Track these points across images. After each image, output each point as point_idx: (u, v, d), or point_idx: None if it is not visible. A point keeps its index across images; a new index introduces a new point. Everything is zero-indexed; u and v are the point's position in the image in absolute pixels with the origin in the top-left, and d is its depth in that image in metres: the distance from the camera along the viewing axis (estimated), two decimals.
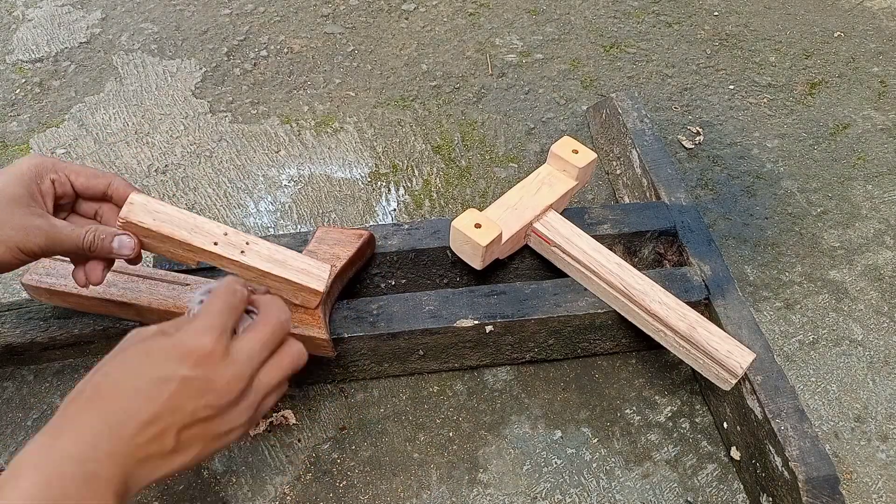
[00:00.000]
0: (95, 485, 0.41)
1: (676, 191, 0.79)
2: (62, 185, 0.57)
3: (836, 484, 0.58)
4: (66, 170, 0.57)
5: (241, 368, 0.46)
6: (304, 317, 0.63)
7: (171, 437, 0.44)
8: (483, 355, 0.73)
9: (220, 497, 0.66)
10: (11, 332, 0.70)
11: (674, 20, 1.21)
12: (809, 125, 1.04)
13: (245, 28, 1.17)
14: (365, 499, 0.66)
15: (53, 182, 0.56)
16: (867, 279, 0.85)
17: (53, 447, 0.42)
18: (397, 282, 0.76)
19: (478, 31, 1.18)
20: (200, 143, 0.98)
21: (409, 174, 0.95)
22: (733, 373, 0.62)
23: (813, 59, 1.15)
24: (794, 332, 0.80)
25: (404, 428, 0.71)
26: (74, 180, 0.57)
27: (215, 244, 0.57)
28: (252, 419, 0.49)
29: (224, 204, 0.91)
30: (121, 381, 0.44)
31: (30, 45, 1.13)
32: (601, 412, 0.73)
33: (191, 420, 0.45)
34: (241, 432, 0.49)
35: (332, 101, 1.05)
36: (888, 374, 0.77)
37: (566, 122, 1.03)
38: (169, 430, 0.44)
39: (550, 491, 0.67)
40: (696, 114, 1.05)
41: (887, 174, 0.97)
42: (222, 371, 0.45)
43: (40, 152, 0.97)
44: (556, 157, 0.73)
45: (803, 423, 0.61)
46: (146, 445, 0.43)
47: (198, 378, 0.44)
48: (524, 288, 0.71)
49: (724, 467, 0.69)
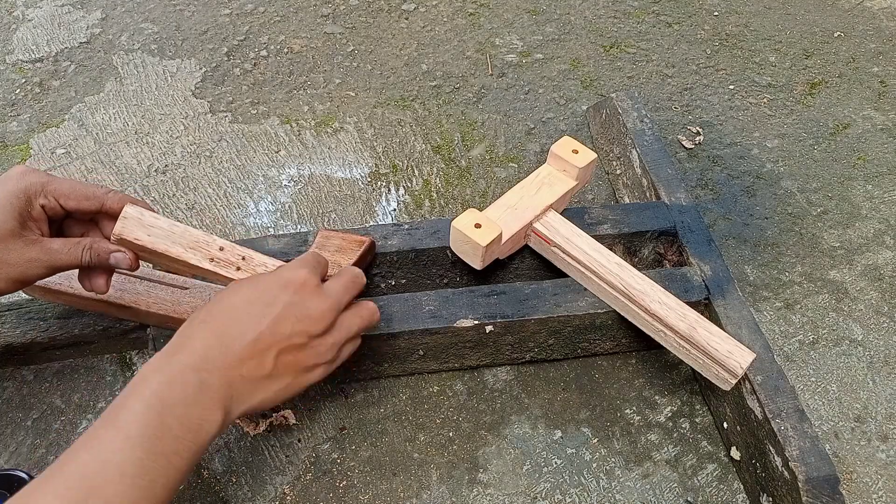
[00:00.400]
0: (208, 392, 0.47)
1: (676, 191, 0.79)
2: (53, 209, 0.56)
3: (836, 484, 0.58)
4: (56, 192, 0.55)
5: (330, 302, 0.53)
6: None
7: (270, 359, 0.50)
8: (483, 355, 0.73)
9: (220, 497, 0.66)
10: (11, 332, 0.70)
11: (674, 20, 1.21)
12: (809, 125, 1.04)
13: (245, 28, 1.17)
14: (365, 499, 0.66)
15: (44, 207, 0.55)
16: (867, 279, 0.85)
17: (173, 358, 0.48)
18: (397, 282, 0.76)
19: (478, 31, 1.18)
20: (200, 143, 0.98)
21: (409, 174, 0.95)
22: (733, 373, 0.62)
23: (813, 59, 1.15)
24: (794, 332, 0.80)
25: (404, 428, 0.71)
26: (65, 204, 0.56)
27: (211, 261, 0.57)
28: (333, 361, 0.55)
29: (224, 204, 0.91)
30: (233, 305, 0.50)
31: (30, 45, 1.13)
32: (601, 412, 0.73)
33: (287, 344, 0.50)
34: (322, 372, 0.54)
35: (332, 101, 1.05)
36: (888, 374, 0.77)
37: (566, 122, 1.03)
38: (269, 351, 0.50)
39: (550, 491, 0.67)
40: (696, 114, 1.05)
41: (887, 174, 0.97)
42: (316, 301, 0.52)
43: (39, 153, 0.97)
44: (556, 157, 0.73)
45: (803, 423, 0.61)
46: (249, 362, 0.49)
47: (296, 304, 0.51)
48: (524, 288, 0.71)
49: (724, 467, 0.69)
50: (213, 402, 0.46)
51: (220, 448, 0.69)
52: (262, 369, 0.49)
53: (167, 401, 0.45)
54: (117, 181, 0.93)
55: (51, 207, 0.56)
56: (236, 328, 0.49)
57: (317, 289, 0.52)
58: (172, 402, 0.45)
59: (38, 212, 0.55)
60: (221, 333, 0.49)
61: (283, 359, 0.51)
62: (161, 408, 0.44)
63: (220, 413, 0.47)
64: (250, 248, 0.70)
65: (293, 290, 0.51)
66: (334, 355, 0.54)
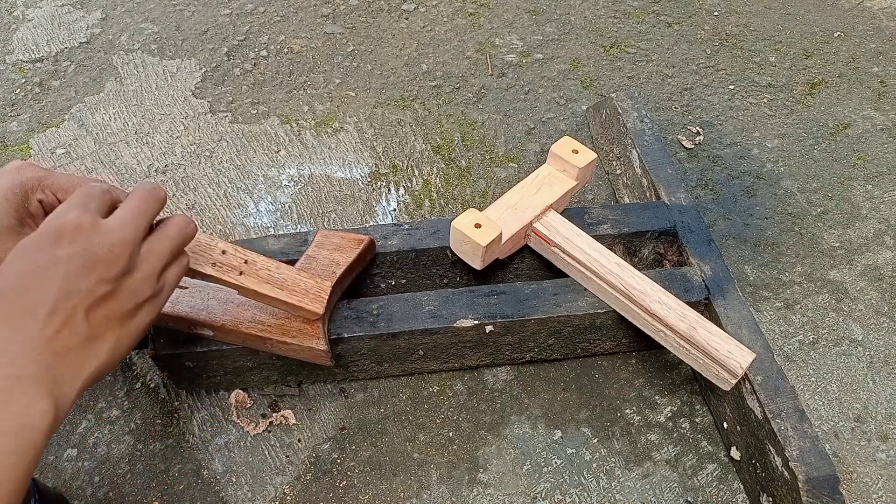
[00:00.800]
0: (20, 386, 0.41)
1: (676, 191, 0.79)
2: (50, 204, 0.54)
3: (836, 484, 0.58)
4: (54, 187, 0.54)
5: (117, 235, 0.46)
6: (303, 327, 0.63)
7: (82, 322, 0.44)
8: (483, 355, 0.73)
9: (220, 497, 0.66)
10: None
11: (674, 20, 1.21)
12: (809, 125, 1.04)
13: (245, 28, 1.17)
14: (365, 499, 0.66)
15: (41, 202, 0.54)
16: (867, 279, 0.85)
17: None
18: (397, 282, 0.76)
19: (478, 31, 1.18)
20: (200, 143, 0.98)
21: (409, 174, 0.95)
22: (733, 373, 0.62)
23: (813, 59, 1.15)
24: (794, 332, 0.80)
25: (404, 428, 0.71)
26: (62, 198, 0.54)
27: (213, 265, 0.57)
28: (159, 292, 0.49)
29: (224, 204, 0.91)
30: (8, 284, 0.44)
31: (30, 45, 1.13)
32: (601, 412, 0.73)
33: (91, 299, 0.44)
34: (153, 308, 0.49)
35: (332, 101, 1.05)
36: (888, 374, 0.77)
37: (566, 122, 1.03)
38: (74, 315, 0.44)
39: (550, 491, 0.67)
40: (696, 114, 1.05)
41: (887, 174, 0.97)
42: (98, 240, 0.45)
43: (39, 153, 0.97)
44: (556, 157, 0.73)
45: (803, 423, 0.61)
46: (58, 336, 0.43)
47: (76, 253, 0.44)
48: (524, 288, 0.71)
49: (724, 467, 0.69)
50: (30, 395, 0.41)
51: (220, 448, 0.69)
52: (78, 336, 0.44)
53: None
54: (117, 181, 0.93)
55: (48, 202, 0.55)
56: (23, 307, 0.43)
57: (96, 227, 0.45)
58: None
59: (36, 207, 0.54)
60: (9, 318, 0.42)
61: (96, 315, 0.45)
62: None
63: (46, 402, 0.41)
64: (250, 248, 0.70)
65: (68, 238, 0.44)
66: (156, 288, 0.48)
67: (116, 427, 0.70)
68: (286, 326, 0.63)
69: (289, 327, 0.63)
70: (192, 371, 0.69)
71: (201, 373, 0.70)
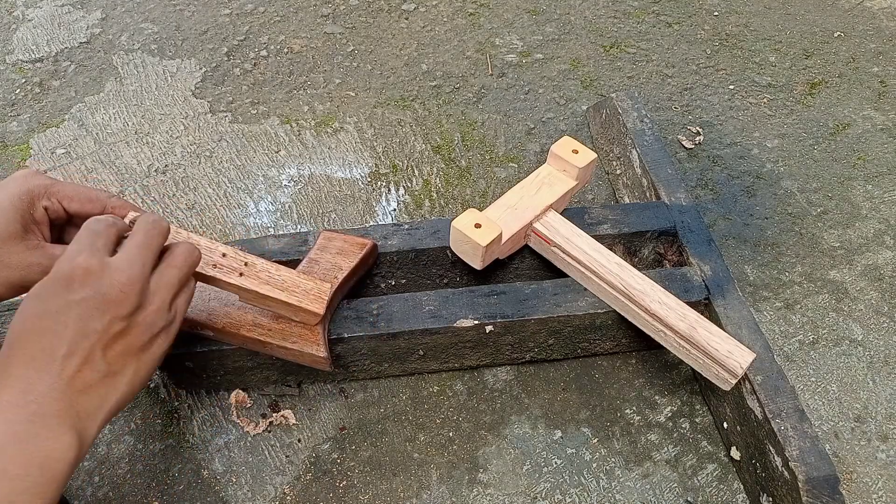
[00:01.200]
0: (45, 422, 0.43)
1: (676, 191, 0.79)
2: (55, 211, 0.56)
3: (836, 484, 0.58)
4: (59, 195, 0.55)
5: (126, 274, 0.47)
6: (302, 332, 0.63)
7: (100, 360, 0.46)
8: (483, 355, 0.73)
9: (220, 497, 0.66)
10: None
11: (674, 20, 1.21)
12: (809, 125, 1.04)
13: (245, 28, 1.17)
14: (365, 499, 0.66)
15: (47, 209, 0.55)
16: (867, 279, 0.85)
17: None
18: (397, 282, 0.76)
19: (478, 31, 1.18)
20: (200, 143, 0.98)
21: (409, 174, 0.95)
22: (733, 373, 0.62)
23: (813, 59, 1.15)
24: (794, 332, 0.80)
25: (404, 428, 0.71)
26: (68, 206, 0.56)
27: (214, 267, 0.57)
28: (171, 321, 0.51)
29: (224, 204, 0.91)
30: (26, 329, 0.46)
31: (30, 45, 1.13)
32: (601, 412, 0.73)
33: (107, 337, 0.46)
34: (167, 337, 0.51)
35: (332, 101, 1.05)
36: (888, 374, 0.77)
37: (566, 122, 1.03)
38: (92, 354, 0.45)
39: (550, 491, 0.67)
40: (696, 114, 1.05)
41: (887, 174, 0.97)
42: (108, 281, 0.46)
43: (39, 153, 0.97)
44: (556, 157, 0.73)
45: (803, 423, 0.61)
46: (78, 375, 0.45)
47: (88, 297, 0.45)
48: (524, 288, 0.71)
49: (724, 467, 0.69)
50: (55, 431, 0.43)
51: (221, 448, 0.69)
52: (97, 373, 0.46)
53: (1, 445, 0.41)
54: (117, 181, 0.93)
55: (53, 210, 0.56)
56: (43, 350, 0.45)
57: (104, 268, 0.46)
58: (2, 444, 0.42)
59: (41, 214, 0.55)
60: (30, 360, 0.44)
61: (113, 352, 0.47)
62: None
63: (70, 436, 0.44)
64: (250, 249, 0.70)
65: (79, 282, 0.46)
66: (168, 318, 0.50)
67: (116, 427, 0.70)
68: (287, 331, 0.63)
69: (289, 332, 0.63)
70: (192, 371, 0.69)
71: (201, 373, 0.70)
